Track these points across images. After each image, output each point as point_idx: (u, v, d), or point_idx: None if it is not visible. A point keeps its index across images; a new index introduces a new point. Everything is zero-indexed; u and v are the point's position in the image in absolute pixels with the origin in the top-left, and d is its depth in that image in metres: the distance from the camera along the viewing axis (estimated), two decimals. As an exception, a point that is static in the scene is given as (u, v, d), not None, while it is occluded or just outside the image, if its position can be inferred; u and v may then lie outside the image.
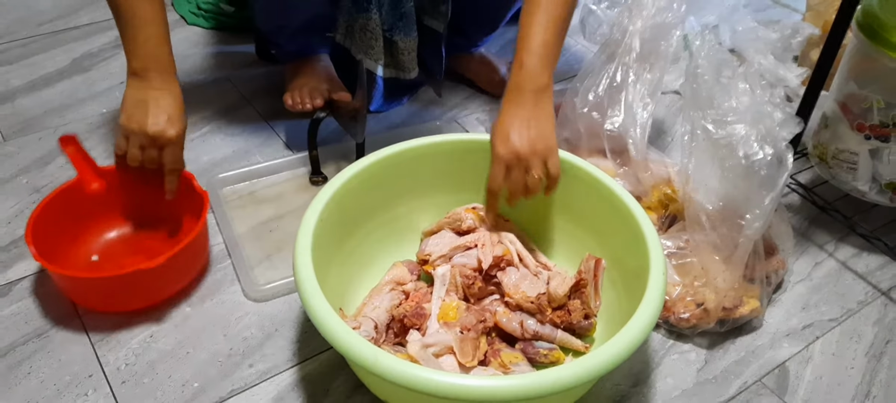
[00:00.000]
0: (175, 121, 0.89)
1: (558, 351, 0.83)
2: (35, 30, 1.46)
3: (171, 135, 0.89)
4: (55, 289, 0.92)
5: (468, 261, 0.87)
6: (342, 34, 1.15)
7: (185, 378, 0.84)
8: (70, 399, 0.81)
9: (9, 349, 0.86)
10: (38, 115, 1.23)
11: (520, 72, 0.84)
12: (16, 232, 1.01)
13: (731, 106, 0.88)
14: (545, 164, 0.84)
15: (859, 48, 0.99)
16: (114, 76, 1.34)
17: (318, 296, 0.71)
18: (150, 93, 0.88)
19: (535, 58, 0.84)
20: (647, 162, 1.02)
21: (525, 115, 0.83)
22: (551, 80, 0.85)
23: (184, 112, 0.91)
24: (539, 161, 0.83)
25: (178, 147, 0.91)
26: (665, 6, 1.00)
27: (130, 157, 0.90)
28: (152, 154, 0.89)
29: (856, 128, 1.00)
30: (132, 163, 0.90)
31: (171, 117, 0.88)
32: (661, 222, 0.99)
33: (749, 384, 0.87)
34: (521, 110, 0.84)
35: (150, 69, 0.88)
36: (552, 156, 0.84)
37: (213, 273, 0.96)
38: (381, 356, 0.66)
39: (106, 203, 0.97)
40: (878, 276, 1.02)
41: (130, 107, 0.89)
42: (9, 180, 1.10)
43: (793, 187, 1.14)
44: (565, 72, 1.42)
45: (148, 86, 0.89)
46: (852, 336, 0.93)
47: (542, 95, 0.84)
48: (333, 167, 1.13)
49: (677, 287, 0.90)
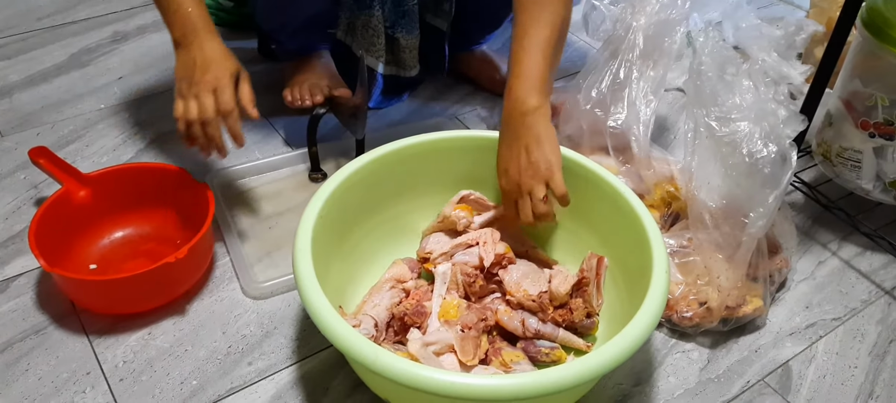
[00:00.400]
0: (221, 61, 0.87)
1: (560, 350, 0.82)
2: (33, 24, 1.45)
3: (219, 74, 0.87)
4: (53, 286, 0.92)
5: (469, 259, 0.87)
6: (343, 31, 1.15)
7: (183, 375, 0.83)
8: (68, 397, 0.80)
9: (6, 345, 0.85)
10: (36, 111, 1.22)
11: (509, 99, 0.84)
12: (13, 228, 1.01)
13: (734, 103, 0.87)
14: (548, 185, 0.83)
15: (864, 46, 0.98)
16: (111, 72, 1.33)
17: (317, 294, 0.70)
18: (195, 51, 0.88)
19: (523, 82, 0.84)
20: (649, 159, 1.02)
21: (520, 144, 0.83)
22: (543, 101, 0.84)
23: (230, 54, 0.89)
24: (541, 185, 0.83)
25: (229, 86, 0.88)
26: (669, 3, 1.00)
27: (190, 111, 0.87)
28: (207, 101, 0.86)
29: (860, 126, 1.00)
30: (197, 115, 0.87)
31: (217, 59, 0.87)
32: (663, 220, 0.98)
33: (752, 383, 0.86)
34: (516, 140, 0.84)
35: (189, 33, 0.88)
36: (554, 176, 0.83)
37: (212, 270, 0.96)
38: (382, 354, 0.65)
39: (94, 209, 0.95)
40: (881, 275, 1.01)
41: (180, 71, 0.89)
42: (7, 176, 1.09)
43: (796, 185, 1.14)
44: (567, 68, 1.41)
45: (191, 48, 0.88)
46: (856, 336, 0.93)
47: (534, 117, 0.83)
48: (333, 164, 1.13)
49: (680, 285, 0.90)
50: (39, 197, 1.06)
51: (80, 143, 1.16)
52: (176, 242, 0.96)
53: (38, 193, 1.06)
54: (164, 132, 1.19)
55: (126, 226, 0.98)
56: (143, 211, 0.98)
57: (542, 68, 0.84)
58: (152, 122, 1.21)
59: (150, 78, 1.32)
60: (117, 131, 1.19)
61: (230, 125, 0.88)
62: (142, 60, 1.37)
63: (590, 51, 1.46)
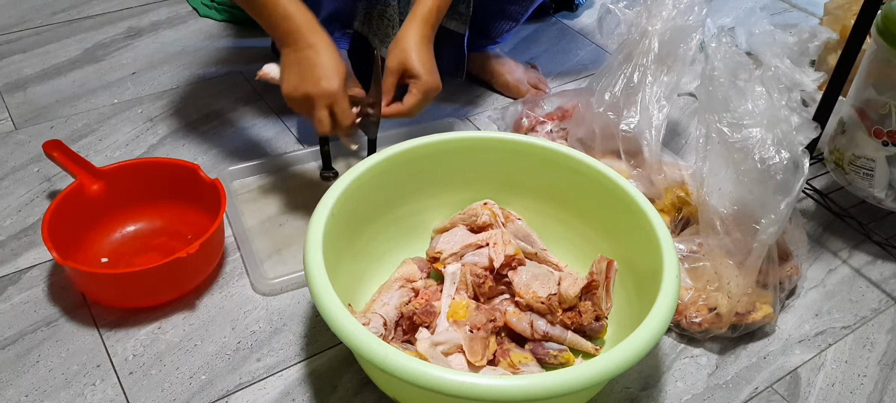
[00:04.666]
0: (330, 73, 0.88)
1: (568, 353, 0.82)
2: (49, 19, 1.47)
3: (329, 88, 0.87)
4: (64, 279, 0.92)
5: (479, 260, 0.87)
6: (360, 21, 1.16)
7: (192, 370, 0.83)
8: (78, 389, 0.81)
9: (18, 337, 0.86)
10: (50, 104, 1.23)
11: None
12: (26, 220, 1.01)
13: (746, 109, 0.87)
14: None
15: (878, 54, 0.98)
16: (125, 67, 1.34)
17: (328, 292, 0.70)
18: (301, 54, 0.88)
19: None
20: (660, 164, 1.02)
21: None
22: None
23: (338, 60, 0.89)
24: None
25: (343, 99, 0.89)
26: (686, 8, 1.00)
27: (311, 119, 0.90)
28: (322, 115, 0.89)
29: (873, 134, 0.99)
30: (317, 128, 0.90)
31: (326, 71, 0.87)
32: (674, 225, 0.98)
33: (760, 390, 0.86)
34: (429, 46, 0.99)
35: (292, 31, 0.89)
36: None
37: (222, 266, 0.96)
38: (392, 352, 0.65)
39: (107, 203, 0.96)
40: (892, 284, 1.01)
41: (287, 75, 0.90)
42: (20, 168, 1.10)
43: (808, 193, 1.13)
44: (579, 71, 1.41)
45: (297, 48, 0.89)
46: (865, 344, 0.92)
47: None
48: (344, 163, 1.13)
49: (689, 291, 0.89)
50: (53, 190, 1.06)
51: (93, 137, 1.17)
52: (187, 237, 0.96)
53: (52, 186, 1.07)
54: (176, 128, 1.20)
55: (138, 221, 0.99)
56: (155, 206, 0.99)
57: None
58: (165, 118, 1.22)
59: (164, 74, 1.33)
60: (130, 126, 1.20)
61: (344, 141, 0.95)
62: (155, 56, 1.37)
63: (598, 55, 1.46)
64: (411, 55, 0.96)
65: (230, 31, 1.47)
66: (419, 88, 0.96)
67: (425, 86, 0.96)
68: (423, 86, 0.96)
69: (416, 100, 0.96)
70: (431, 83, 0.96)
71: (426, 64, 0.96)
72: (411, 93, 0.96)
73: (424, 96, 0.96)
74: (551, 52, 1.47)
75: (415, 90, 0.96)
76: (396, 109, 0.97)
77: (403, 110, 0.96)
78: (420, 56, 0.96)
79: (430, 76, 0.96)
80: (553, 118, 1.17)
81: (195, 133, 1.19)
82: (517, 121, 1.19)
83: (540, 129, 1.15)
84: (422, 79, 0.95)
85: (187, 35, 1.45)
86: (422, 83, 0.95)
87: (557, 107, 1.19)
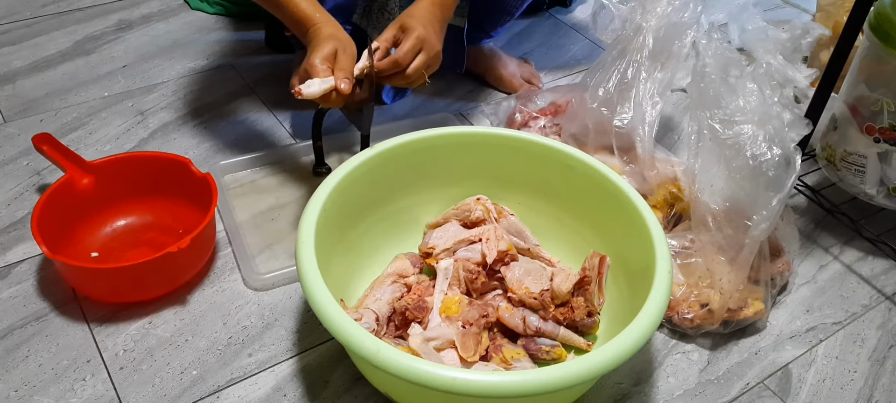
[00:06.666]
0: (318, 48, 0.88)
1: (560, 349, 0.82)
2: (38, 11, 1.45)
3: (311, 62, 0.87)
4: (54, 273, 0.92)
5: (472, 255, 0.87)
6: (360, 14, 1.15)
7: (183, 365, 0.83)
8: (68, 384, 0.80)
9: (7, 331, 0.85)
10: (40, 97, 1.22)
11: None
12: (16, 214, 1.01)
13: (738, 106, 0.87)
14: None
15: (871, 50, 0.98)
16: (116, 60, 1.33)
17: (320, 287, 0.70)
18: (309, 44, 0.91)
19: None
20: (653, 160, 1.02)
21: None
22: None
23: (331, 37, 0.90)
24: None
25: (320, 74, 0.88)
26: (681, 5, 0.99)
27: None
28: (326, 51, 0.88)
29: (865, 130, 1.00)
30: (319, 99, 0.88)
31: (314, 48, 0.89)
32: (666, 221, 0.98)
33: (751, 385, 0.86)
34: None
35: (307, 32, 0.91)
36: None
37: (214, 261, 0.96)
38: (384, 348, 0.65)
39: (97, 197, 0.95)
40: (882, 280, 1.01)
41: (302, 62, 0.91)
42: (9, 162, 1.09)
43: (799, 189, 1.14)
44: (573, 66, 1.41)
45: (307, 42, 0.91)
46: (856, 340, 0.93)
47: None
48: (337, 158, 1.13)
49: (681, 287, 0.90)
50: (42, 183, 1.06)
51: (83, 131, 1.16)
52: (178, 232, 0.96)
53: (41, 180, 1.06)
54: (167, 121, 1.19)
55: (129, 215, 0.98)
56: (146, 200, 0.98)
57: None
58: (156, 111, 1.21)
59: (155, 67, 1.32)
60: (121, 119, 1.19)
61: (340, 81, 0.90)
62: (146, 49, 1.37)
63: (592, 50, 1.46)
64: (412, 13, 0.94)
65: (222, 23, 1.46)
66: (412, 35, 0.91)
67: (419, 34, 0.91)
68: (416, 34, 0.91)
69: (409, 46, 0.91)
70: (424, 34, 0.92)
71: (425, 22, 0.93)
72: (403, 41, 0.92)
73: (416, 42, 0.91)
74: (545, 47, 1.47)
75: (407, 38, 0.92)
76: (388, 59, 0.92)
77: (395, 58, 0.91)
78: (420, 16, 0.94)
79: (425, 30, 0.92)
80: (546, 113, 1.17)
81: (186, 127, 1.18)
82: (510, 117, 1.18)
83: (533, 125, 1.15)
84: (415, 29, 0.92)
85: (178, 28, 1.44)
86: (415, 31, 0.92)
87: (551, 102, 1.19)
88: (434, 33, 0.94)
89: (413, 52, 0.92)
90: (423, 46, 0.92)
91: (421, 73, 0.93)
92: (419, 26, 0.93)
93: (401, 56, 0.91)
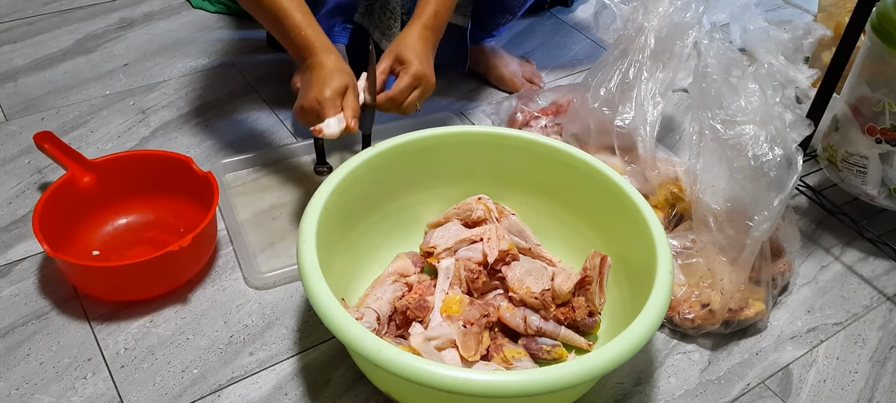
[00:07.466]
0: (328, 81, 0.88)
1: (561, 348, 0.82)
2: (40, 8, 1.45)
3: (322, 98, 0.87)
4: (56, 272, 0.92)
5: (473, 255, 0.87)
6: (361, 13, 1.15)
7: (184, 364, 0.83)
8: (68, 382, 0.80)
9: (8, 329, 0.85)
10: (41, 95, 1.22)
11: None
12: (17, 212, 1.01)
13: (740, 106, 0.87)
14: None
15: (873, 51, 0.98)
16: (117, 58, 1.33)
17: (321, 286, 0.70)
18: (313, 70, 0.90)
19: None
20: (655, 160, 1.02)
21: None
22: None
23: (340, 71, 0.89)
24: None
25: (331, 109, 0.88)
26: (682, 5, 0.99)
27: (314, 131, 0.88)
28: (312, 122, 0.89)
29: (867, 131, 1.00)
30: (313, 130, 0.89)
31: (324, 81, 0.88)
32: (667, 221, 0.98)
33: (752, 386, 0.86)
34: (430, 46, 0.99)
35: (305, 57, 0.91)
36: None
37: (215, 260, 0.96)
38: (385, 347, 0.65)
39: (99, 195, 0.95)
40: (883, 281, 1.01)
41: (301, 87, 0.91)
42: (11, 160, 1.09)
43: (801, 189, 1.13)
44: (573, 66, 1.41)
45: (307, 68, 0.90)
46: (857, 341, 0.93)
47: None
48: (338, 157, 1.13)
49: (682, 287, 0.90)
50: (44, 182, 1.06)
51: (84, 129, 1.16)
52: (179, 230, 0.96)
53: (43, 178, 1.06)
54: (169, 120, 1.19)
55: (130, 213, 0.98)
56: (148, 199, 0.98)
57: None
58: (157, 110, 1.21)
59: (156, 65, 1.32)
60: (122, 118, 1.19)
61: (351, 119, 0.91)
62: (148, 48, 1.37)
63: (593, 50, 1.46)
64: (407, 44, 0.95)
65: (223, 22, 1.46)
66: (408, 72, 0.94)
67: (415, 72, 0.93)
68: (413, 71, 0.93)
69: (406, 84, 0.93)
70: (421, 70, 0.94)
71: (420, 55, 0.95)
72: (400, 78, 0.94)
73: (413, 80, 0.93)
74: (546, 47, 1.47)
75: (404, 74, 0.94)
76: (385, 95, 0.94)
77: (392, 95, 0.94)
78: (415, 48, 0.95)
79: (421, 65, 0.94)
80: (548, 113, 1.17)
81: (188, 125, 1.18)
82: (512, 116, 1.18)
83: (534, 124, 1.15)
84: (412, 65, 0.94)
85: (180, 26, 1.44)
86: (412, 68, 0.94)
87: (552, 101, 1.19)
88: (429, 64, 0.96)
89: (410, 89, 0.94)
90: (419, 83, 0.94)
91: (414, 104, 0.95)
92: (415, 61, 0.94)
93: (397, 93, 0.93)
